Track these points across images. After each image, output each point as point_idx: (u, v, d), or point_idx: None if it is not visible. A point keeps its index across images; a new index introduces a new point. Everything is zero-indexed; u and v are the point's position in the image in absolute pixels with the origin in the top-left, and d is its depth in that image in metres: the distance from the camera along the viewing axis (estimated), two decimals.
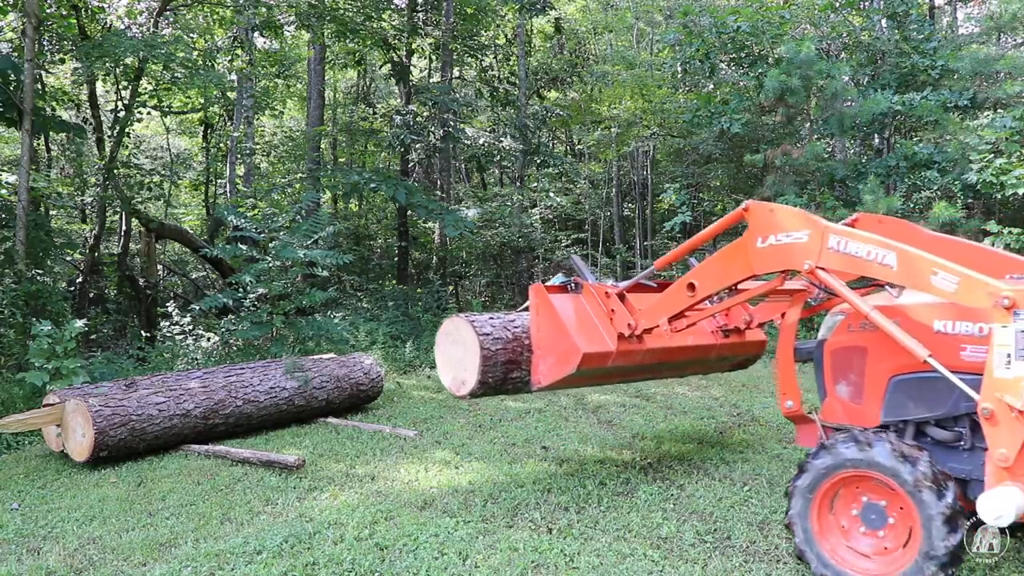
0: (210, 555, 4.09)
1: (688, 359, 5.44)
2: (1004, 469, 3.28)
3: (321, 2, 14.67)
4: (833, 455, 3.60)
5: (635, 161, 19.83)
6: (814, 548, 3.65)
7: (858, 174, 12.02)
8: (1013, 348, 3.25)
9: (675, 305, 4.59)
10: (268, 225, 10.06)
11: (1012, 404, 3.22)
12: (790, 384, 4.34)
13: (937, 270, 3.49)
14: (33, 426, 6.42)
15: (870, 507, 3.60)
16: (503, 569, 3.84)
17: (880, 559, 3.54)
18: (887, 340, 3.79)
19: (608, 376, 5.39)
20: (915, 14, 12.81)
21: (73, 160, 15.56)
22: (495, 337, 4.92)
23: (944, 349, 3.61)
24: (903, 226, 4.70)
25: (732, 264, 4.28)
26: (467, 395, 4.97)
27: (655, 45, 19.74)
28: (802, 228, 3.97)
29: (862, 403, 4.08)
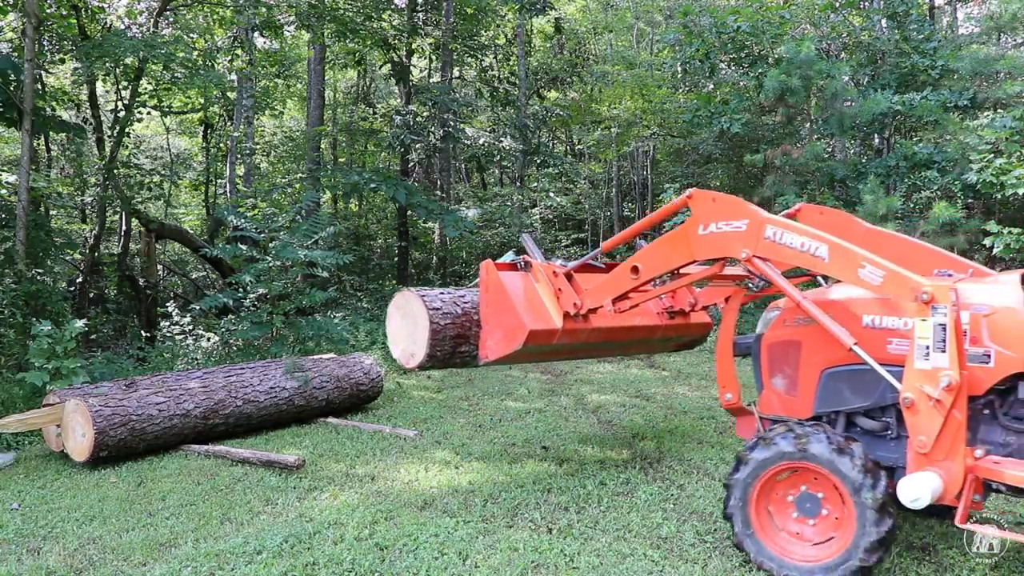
0: (210, 555, 4.09)
1: (633, 339, 5.57)
2: (923, 455, 3.46)
3: (321, 2, 14.67)
4: (771, 448, 3.72)
5: (635, 161, 19.84)
6: (753, 538, 3.79)
7: (858, 174, 12.02)
8: (932, 340, 3.40)
9: (619, 286, 4.71)
10: (268, 225, 10.06)
11: (930, 393, 3.38)
12: (729, 378, 4.52)
13: (865, 263, 3.63)
14: (33, 426, 6.42)
15: (806, 496, 3.73)
16: (503, 569, 3.84)
17: (815, 546, 3.68)
18: (820, 334, 3.94)
19: (555, 353, 5.48)
20: (915, 14, 12.81)
21: (73, 160, 15.56)
22: (444, 312, 5.04)
23: (872, 342, 3.73)
24: (842, 218, 4.88)
25: (674, 249, 4.43)
26: (415, 367, 5.10)
27: (655, 45, 19.75)
28: (741, 217, 4.11)
29: (797, 395, 4.22)
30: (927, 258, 4.42)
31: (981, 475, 3.46)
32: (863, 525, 3.48)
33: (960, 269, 4.24)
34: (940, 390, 3.37)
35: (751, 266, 4.11)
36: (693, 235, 4.31)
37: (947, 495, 3.41)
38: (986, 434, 3.65)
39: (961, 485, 3.40)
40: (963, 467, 3.40)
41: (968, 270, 4.20)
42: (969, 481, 3.42)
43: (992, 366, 3.53)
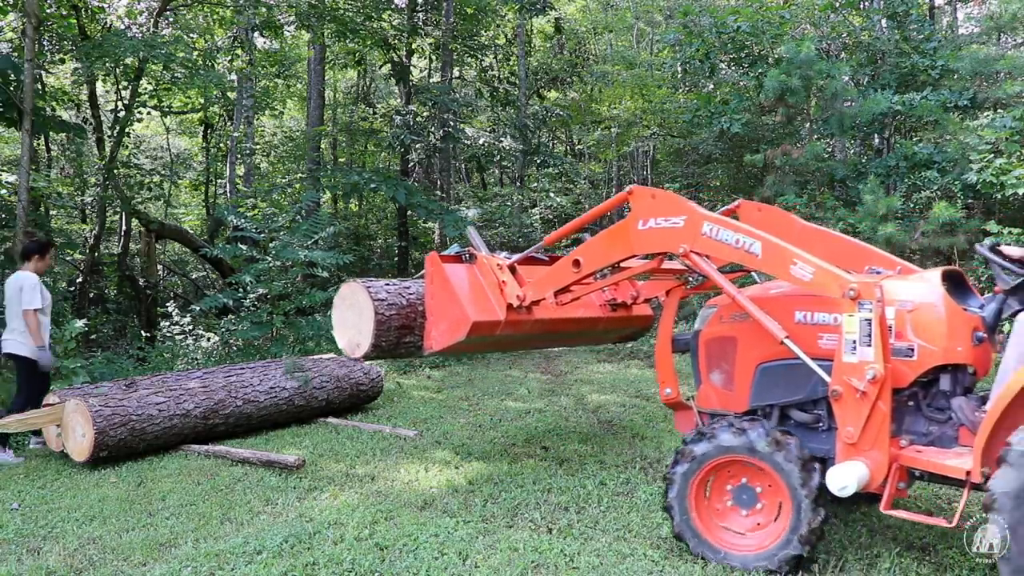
0: (210, 555, 4.09)
1: (575, 330, 5.65)
2: (850, 445, 3.60)
3: (321, 2, 14.67)
4: (711, 442, 3.83)
5: (635, 161, 19.84)
6: (692, 529, 3.89)
7: (858, 174, 12.02)
8: (858, 335, 3.53)
9: (561, 279, 4.77)
10: (268, 225, 10.06)
11: (857, 386, 3.52)
12: (668, 373, 4.64)
13: (796, 260, 3.77)
14: (33, 426, 6.42)
15: (743, 488, 3.86)
16: (503, 569, 3.83)
17: (752, 536, 3.81)
18: (755, 330, 4.06)
19: (498, 344, 5.56)
20: (915, 14, 12.80)
21: (73, 160, 15.57)
22: (390, 303, 5.11)
23: (804, 337, 3.85)
24: (780, 216, 5.04)
25: (615, 244, 4.52)
26: (360, 358, 5.17)
27: (655, 45, 19.75)
28: (679, 214, 4.23)
29: (733, 389, 4.32)
30: (859, 255, 4.60)
31: (904, 463, 3.60)
32: (798, 516, 3.61)
33: (890, 266, 4.39)
34: (866, 383, 3.50)
35: (689, 261, 4.22)
36: (633, 230, 4.41)
37: (873, 483, 3.54)
38: (910, 424, 3.79)
39: (886, 473, 3.54)
40: (888, 456, 3.54)
41: (897, 267, 4.35)
42: (893, 469, 3.57)
43: (915, 359, 3.66)
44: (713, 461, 3.85)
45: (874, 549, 3.99)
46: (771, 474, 3.71)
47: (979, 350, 3.68)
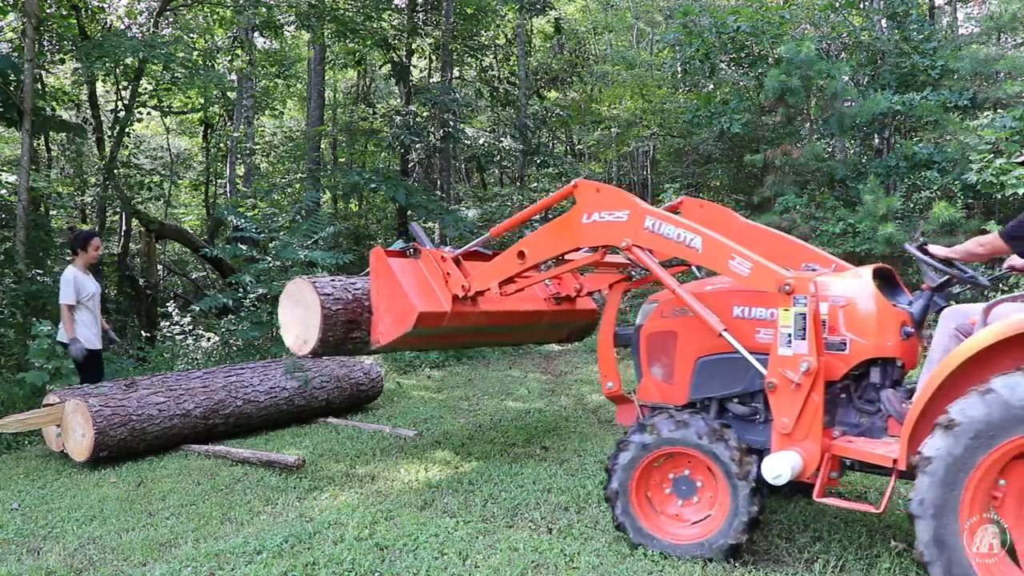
0: (210, 555, 4.09)
1: (521, 323, 5.71)
2: (785, 435, 3.73)
3: (321, 2, 14.67)
4: (652, 434, 3.95)
5: (635, 161, 19.84)
6: (632, 519, 4.00)
7: (858, 174, 12.01)
8: (793, 329, 3.67)
9: (506, 270, 4.86)
10: (268, 225, 10.06)
11: (791, 378, 3.66)
12: (610, 367, 4.74)
13: (735, 256, 3.90)
14: (33, 426, 6.42)
15: (683, 480, 4.00)
16: (503, 569, 3.83)
17: (691, 526, 3.95)
18: (695, 325, 4.17)
19: (445, 337, 5.54)
20: (915, 14, 12.79)
21: (73, 160, 15.57)
22: (336, 297, 5.16)
23: (741, 331, 3.97)
24: (721, 212, 5.16)
25: (559, 236, 4.61)
26: (309, 353, 5.20)
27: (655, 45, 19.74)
28: (623, 208, 4.34)
29: (673, 383, 4.42)
30: (797, 252, 4.75)
31: (836, 453, 3.73)
32: (735, 507, 3.74)
33: (825, 264, 4.53)
34: (800, 375, 3.63)
35: (631, 254, 4.32)
36: (577, 223, 4.50)
37: (806, 472, 3.66)
38: (842, 416, 3.92)
39: (819, 462, 3.66)
40: (820, 446, 3.66)
41: (831, 265, 4.49)
42: (826, 459, 3.68)
43: (847, 353, 3.78)
44: (654, 452, 3.96)
45: (874, 549, 3.99)
46: (710, 465, 3.84)
47: (907, 344, 3.82)
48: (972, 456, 3.04)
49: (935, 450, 3.11)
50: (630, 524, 4.02)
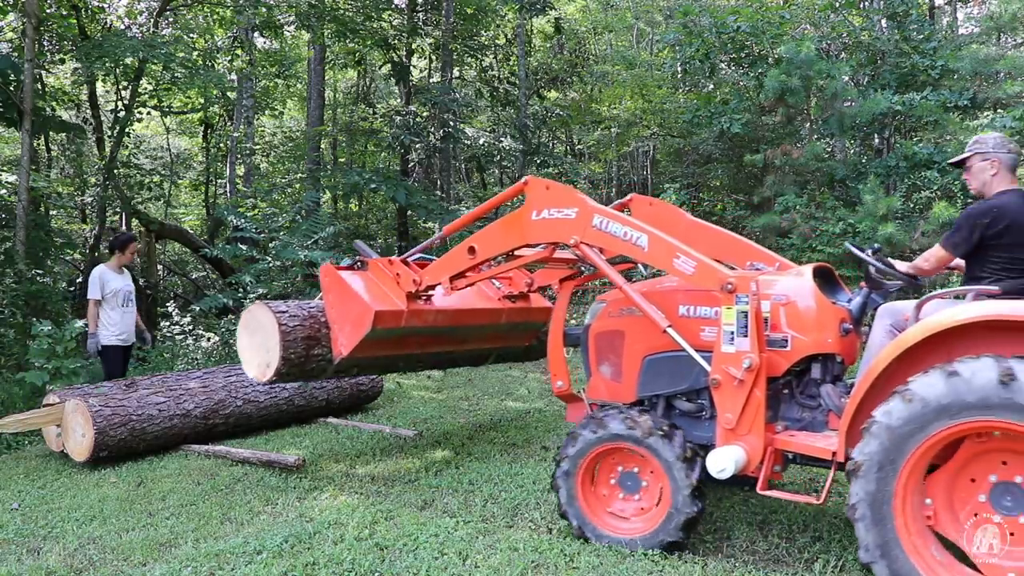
0: (210, 555, 4.09)
1: (480, 323, 5.75)
2: (729, 431, 3.83)
3: (321, 2, 14.67)
4: (601, 429, 4.06)
5: (635, 161, 19.84)
6: (577, 509, 4.14)
7: (858, 174, 12.01)
8: (735, 327, 3.78)
9: (456, 265, 4.92)
10: (268, 225, 10.06)
11: (734, 375, 3.76)
12: (559, 366, 4.79)
13: (679, 255, 4.01)
14: (33, 426, 6.42)
15: (628, 475, 4.12)
16: (503, 569, 3.83)
17: (635, 519, 4.08)
18: (641, 324, 4.26)
19: (404, 343, 5.53)
20: (915, 14, 12.78)
21: (73, 160, 15.57)
22: (291, 315, 5.25)
23: (687, 330, 4.08)
24: (669, 210, 5.32)
25: (509, 233, 4.69)
26: (273, 376, 5.22)
27: (655, 45, 19.74)
28: (571, 206, 4.41)
29: (621, 381, 4.49)
30: (742, 251, 4.91)
31: (779, 447, 3.84)
32: (676, 504, 3.87)
33: (769, 262, 4.69)
34: (743, 371, 3.73)
35: (580, 252, 4.39)
36: (527, 220, 4.57)
37: (750, 466, 3.76)
38: (785, 411, 4.04)
39: (762, 456, 3.76)
40: (763, 440, 3.76)
41: (775, 263, 4.65)
42: (769, 453, 3.79)
43: (789, 349, 3.88)
44: (602, 446, 4.08)
45: None
46: (654, 462, 3.95)
47: (846, 340, 3.91)
48: (897, 457, 3.14)
49: (864, 454, 3.21)
50: (573, 514, 4.14)
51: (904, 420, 3.12)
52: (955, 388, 3.02)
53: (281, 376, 5.23)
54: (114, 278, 7.24)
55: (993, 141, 3.82)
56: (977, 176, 3.84)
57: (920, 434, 3.09)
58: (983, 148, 3.81)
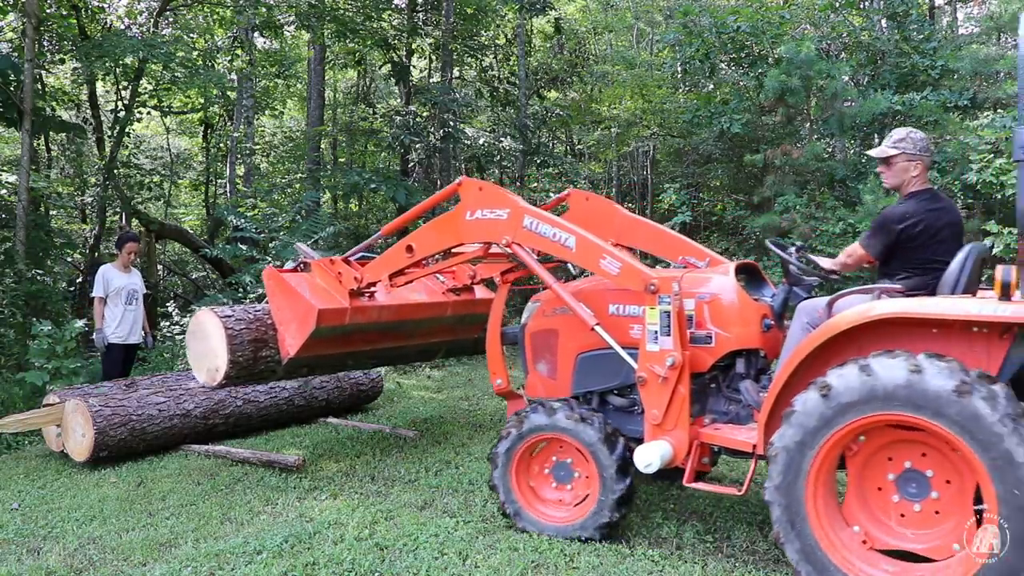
0: (210, 555, 4.09)
1: (425, 316, 5.86)
2: (656, 426, 3.97)
3: (321, 2, 14.66)
4: (525, 422, 4.25)
5: (635, 161, 19.83)
6: (515, 504, 4.31)
7: (858, 174, 12.00)
8: (659, 326, 3.92)
9: (395, 263, 5.07)
10: (268, 225, 10.06)
11: (659, 372, 3.91)
12: (498, 365, 4.91)
13: (606, 255, 4.15)
14: (33, 426, 6.42)
15: (559, 465, 4.30)
16: (503, 569, 3.83)
17: (567, 508, 4.24)
18: (574, 322, 4.37)
19: (351, 340, 5.59)
20: (915, 14, 12.78)
21: (73, 160, 15.56)
22: (237, 318, 5.39)
23: (617, 328, 4.23)
24: (604, 205, 5.45)
25: (445, 232, 4.85)
26: (223, 380, 5.31)
27: (655, 45, 19.73)
28: (503, 207, 4.55)
29: (556, 378, 4.64)
30: (675, 246, 5.08)
31: (704, 440, 3.99)
32: (606, 485, 4.02)
33: (700, 257, 4.88)
34: (667, 369, 3.88)
35: (512, 251, 4.54)
36: (461, 220, 4.72)
37: (677, 459, 3.92)
38: (712, 404, 4.21)
39: (688, 450, 3.92)
40: (688, 434, 3.91)
41: (706, 259, 4.84)
42: (695, 446, 3.95)
43: (713, 345, 4.04)
44: (529, 439, 4.25)
45: None
46: (579, 448, 4.12)
47: (768, 335, 4.08)
48: (812, 443, 3.28)
49: (781, 440, 3.35)
50: (512, 508, 4.31)
51: (819, 409, 3.26)
52: (867, 382, 3.16)
53: (230, 379, 5.32)
54: (118, 277, 7.32)
55: (921, 143, 3.94)
56: (899, 174, 3.95)
57: (834, 423, 3.24)
58: (911, 148, 3.92)
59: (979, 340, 3.27)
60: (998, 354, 3.24)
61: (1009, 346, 3.23)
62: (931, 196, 3.90)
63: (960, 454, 3.12)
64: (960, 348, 3.27)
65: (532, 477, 4.38)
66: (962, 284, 3.61)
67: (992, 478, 2.98)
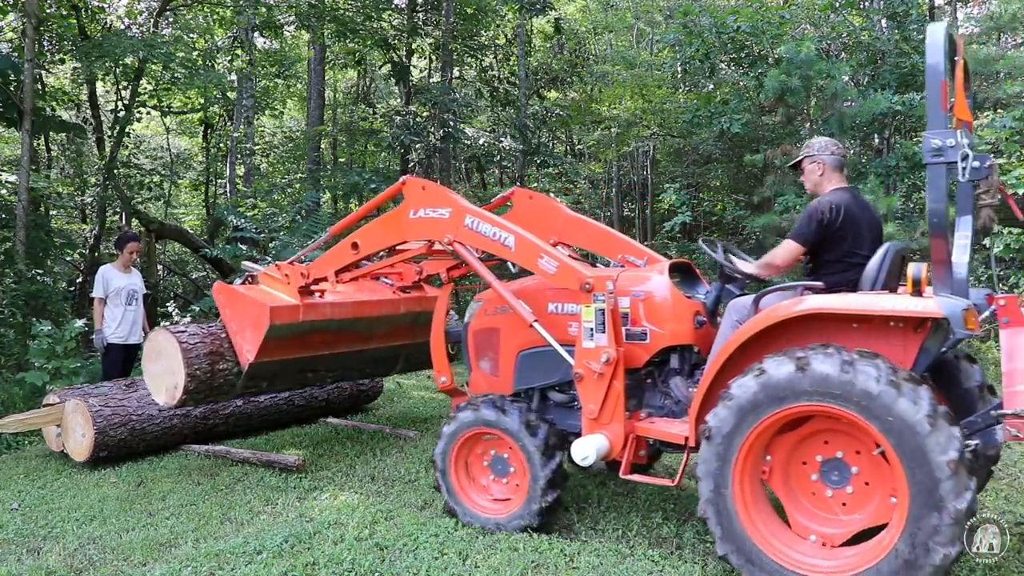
0: (210, 555, 4.09)
1: (378, 314, 5.93)
2: (593, 420, 4.09)
3: (321, 2, 14.66)
4: (456, 420, 4.44)
5: (635, 161, 19.82)
6: (457, 501, 4.47)
7: (858, 174, 11.99)
8: (594, 323, 4.04)
9: (341, 260, 5.17)
10: (268, 225, 10.06)
11: (594, 368, 4.02)
12: (442, 363, 5.01)
13: (543, 255, 4.27)
14: (33, 426, 6.42)
15: (496, 459, 4.42)
16: (503, 569, 3.83)
17: (506, 500, 4.40)
18: (515, 321, 4.47)
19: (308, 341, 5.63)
20: (915, 14, 12.78)
21: (73, 160, 15.56)
22: (191, 333, 5.51)
23: (556, 326, 4.35)
24: (548, 204, 5.58)
25: (389, 229, 4.96)
26: (183, 395, 5.35)
27: (655, 45, 19.73)
28: (445, 206, 4.66)
29: (499, 376, 4.75)
30: (616, 245, 5.22)
31: (640, 433, 4.12)
32: (534, 470, 4.17)
33: (639, 256, 5.05)
34: (602, 365, 4.00)
35: (454, 249, 4.65)
36: (405, 218, 4.83)
37: (613, 452, 4.04)
38: (649, 399, 4.34)
39: (624, 443, 4.04)
40: (624, 428, 4.04)
41: (645, 257, 5.01)
42: (631, 440, 4.08)
43: (648, 342, 4.17)
44: (462, 435, 4.41)
45: None
46: (505, 438, 4.27)
47: (701, 332, 4.20)
48: (744, 425, 3.42)
49: (716, 420, 3.50)
50: (455, 505, 4.46)
51: (753, 395, 3.40)
52: (795, 375, 3.30)
53: (190, 394, 5.35)
54: (117, 277, 7.32)
55: (819, 145, 4.17)
56: (809, 177, 4.20)
57: (766, 409, 3.39)
58: (811, 152, 4.17)
59: (896, 334, 3.46)
60: (913, 346, 3.44)
61: (923, 339, 3.43)
62: (848, 194, 4.06)
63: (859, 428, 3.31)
64: (880, 341, 3.45)
65: (472, 473, 4.53)
66: (881, 280, 3.76)
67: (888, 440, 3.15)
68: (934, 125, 3.33)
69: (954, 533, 3.00)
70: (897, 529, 3.14)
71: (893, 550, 3.12)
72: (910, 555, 3.07)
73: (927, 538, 3.04)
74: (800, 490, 3.56)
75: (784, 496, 3.57)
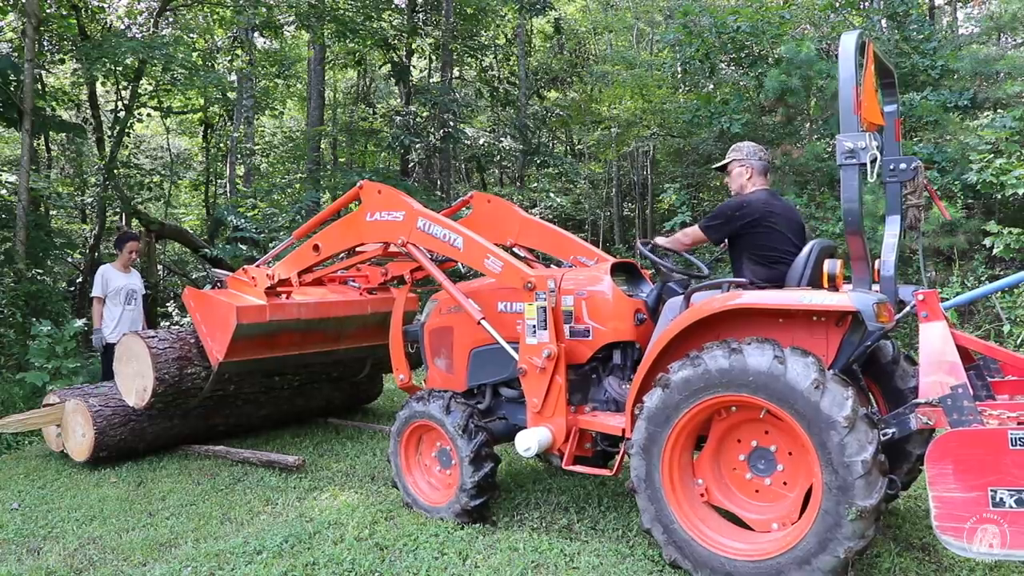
0: (210, 555, 4.09)
1: (345, 314, 6.10)
2: (537, 414, 4.27)
3: (321, 2, 14.66)
4: (407, 409, 4.69)
5: (635, 161, 19.83)
6: (411, 495, 4.71)
7: None
8: (536, 321, 4.22)
9: (303, 261, 5.38)
10: (268, 225, 10.06)
11: (537, 364, 4.21)
12: (400, 361, 5.16)
13: (489, 255, 4.45)
14: (33, 426, 6.42)
15: (443, 452, 4.61)
16: (503, 569, 3.83)
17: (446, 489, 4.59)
18: (467, 320, 4.62)
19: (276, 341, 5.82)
20: (915, 14, 12.78)
21: (73, 160, 15.57)
22: (160, 339, 5.73)
23: (504, 324, 4.52)
24: (504, 207, 5.82)
25: (347, 232, 5.15)
26: (151, 398, 5.64)
27: (655, 45, 19.73)
28: (399, 209, 4.84)
29: (453, 373, 4.93)
30: (568, 246, 5.44)
31: (582, 426, 4.26)
32: (464, 473, 4.37)
33: (590, 256, 5.28)
34: (544, 360, 4.18)
35: (408, 250, 4.81)
36: (361, 221, 5.00)
37: (556, 445, 4.21)
38: (594, 394, 4.47)
39: (566, 436, 4.19)
40: (567, 421, 4.20)
41: (594, 258, 5.22)
42: (573, 432, 4.23)
43: (591, 339, 4.32)
44: (411, 425, 4.65)
45: (874, 549, 3.98)
46: (446, 435, 4.47)
47: (642, 329, 4.32)
48: (679, 408, 3.58)
49: (652, 400, 3.65)
50: (410, 499, 4.70)
51: (688, 380, 3.54)
52: (732, 363, 3.43)
53: (158, 396, 5.60)
54: (117, 276, 7.35)
55: (747, 150, 4.35)
56: (736, 179, 4.37)
57: (700, 394, 3.52)
58: (740, 156, 4.35)
59: (819, 328, 3.64)
60: (835, 340, 3.61)
61: (844, 332, 3.59)
62: (768, 194, 4.24)
63: None
64: (803, 335, 3.64)
65: (422, 463, 4.76)
66: (806, 277, 3.89)
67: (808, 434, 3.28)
68: (846, 128, 3.41)
69: (858, 529, 3.17)
70: (809, 520, 3.31)
71: (804, 539, 3.29)
72: (818, 546, 3.24)
73: (835, 531, 3.20)
74: (725, 463, 3.71)
75: (708, 466, 3.71)
